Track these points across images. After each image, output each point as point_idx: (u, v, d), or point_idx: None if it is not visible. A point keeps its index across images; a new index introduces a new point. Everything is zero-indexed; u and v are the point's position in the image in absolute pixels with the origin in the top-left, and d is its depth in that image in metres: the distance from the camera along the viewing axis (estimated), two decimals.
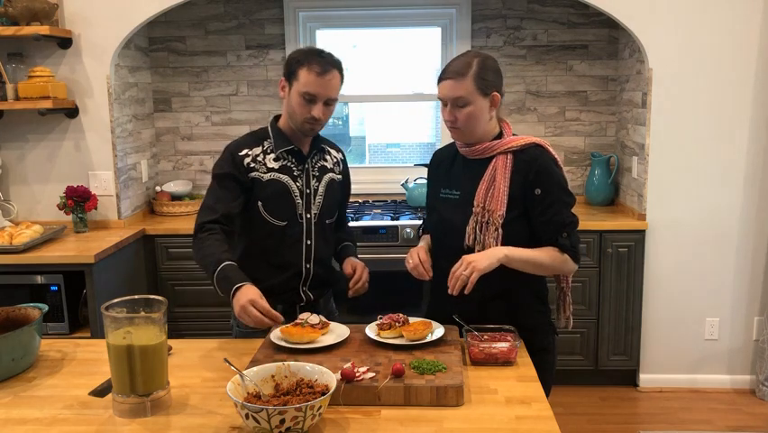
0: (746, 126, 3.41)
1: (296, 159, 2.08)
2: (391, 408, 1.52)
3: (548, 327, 2.06)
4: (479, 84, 1.87)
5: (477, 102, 1.89)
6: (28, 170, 3.53)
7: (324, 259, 2.16)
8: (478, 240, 1.91)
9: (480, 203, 1.91)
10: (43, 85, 3.23)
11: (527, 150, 1.94)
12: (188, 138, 4.08)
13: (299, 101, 1.97)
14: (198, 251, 1.95)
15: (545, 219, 1.92)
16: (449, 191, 2.02)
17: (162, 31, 3.97)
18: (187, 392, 1.62)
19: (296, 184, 2.06)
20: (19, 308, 1.87)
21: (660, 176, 3.44)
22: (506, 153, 1.93)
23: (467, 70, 1.87)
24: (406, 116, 5.08)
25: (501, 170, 1.92)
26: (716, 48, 3.34)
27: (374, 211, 3.75)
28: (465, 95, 1.87)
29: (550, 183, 1.92)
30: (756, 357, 3.56)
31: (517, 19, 3.91)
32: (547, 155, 1.95)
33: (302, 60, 1.96)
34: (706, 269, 3.52)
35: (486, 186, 1.92)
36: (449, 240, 1.98)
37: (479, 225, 1.91)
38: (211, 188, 2.05)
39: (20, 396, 1.63)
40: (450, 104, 1.90)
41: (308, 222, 2.09)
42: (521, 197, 1.91)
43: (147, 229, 3.53)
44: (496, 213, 1.89)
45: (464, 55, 1.94)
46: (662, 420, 3.30)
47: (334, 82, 1.99)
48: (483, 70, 1.88)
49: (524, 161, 1.93)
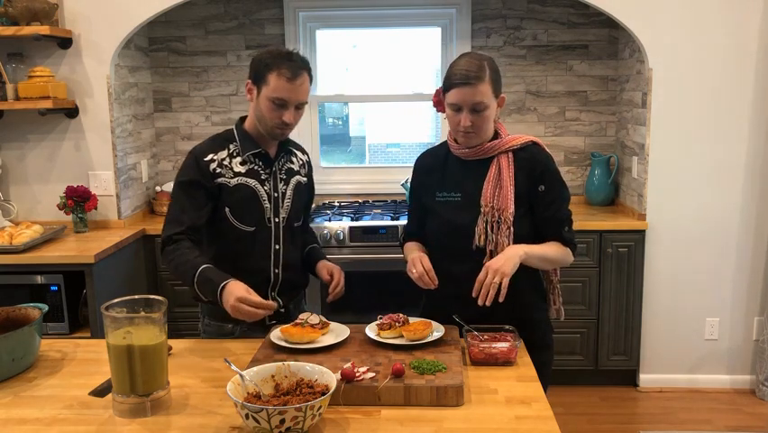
0: (746, 126, 3.41)
1: (263, 162, 2.04)
2: (391, 408, 1.52)
3: (548, 323, 2.09)
4: (494, 88, 1.87)
5: (492, 105, 1.89)
6: (28, 170, 3.53)
7: (292, 264, 2.11)
8: (490, 240, 1.90)
9: (488, 203, 1.91)
10: (43, 85, 3.23)
11: (526, 148, 1.96)
12: (188, 138, 4.08)
13: (269, 106, 1.92)
14: (171, 262, 1.92)
15: (549, 215, 1.95)
16: (447, 194, 2.00)
17: (162, 31, 3.97)
18: (187, 392, 1.62)
19: (263, 188, 2.02)
20: (19, 308, 1.87)
21: (660, 176, 3.44)
22: (507, 152, 1.94)
23: (483, 74, 1.84)
24: (406, 116, 5.08)
25: (506, 168, 1.92)
26: (716, 48, 3.35)
27: (374, 211, 3.74)
28: (484, 99, 1.85)
29: (552, 180, 1.96)
30: (756, 357, 3.56)
31: (517, 19, 3.91)
32: (545, 152, 1.99)
33: (271, 65, 1.90)
34: (706, 269, 3.52)
35: (492, 185, 1.92)
36: (455, 242, 1.96)
37: (489, 224, 1.91)
38: (176, 197, 2.00)
39: (20, 396, 1.63)
40: (467, 109, 1.86)
41: (277, 226, 2.05)
42: (526, 194, 1.93)
43: (147, 229, 3.53)
44: (507, 211, 1.89)
45: (471, 57, 1.89)
46: (663, 420, 3.30)
47: (305, 86, 1.94)
48: (494, 73, 1.88)
49: (525, 159, 1.94)
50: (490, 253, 1.91)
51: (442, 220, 2.00)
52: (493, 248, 1.90)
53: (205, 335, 2.12)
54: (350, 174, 4.21)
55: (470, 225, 1.93)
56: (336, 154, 5.20)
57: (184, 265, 1.88)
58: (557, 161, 4.00)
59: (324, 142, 4.28)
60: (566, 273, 3.42)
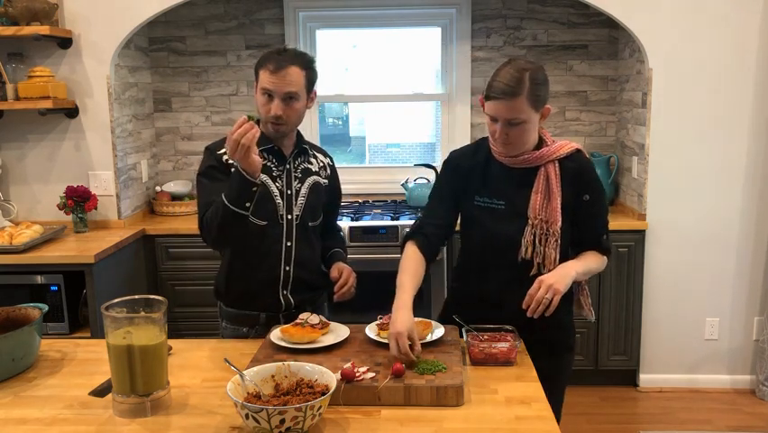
0: (746, 126, 3.41)
1: (276, 159, 2.07)
2: (391, 408, 1.52)
3: (573, 325, 2.08)
4: (532, 102, 1.79)
5: (531, 119, 1.82)
6: (28, 170, 3.53)
7: (305, 262, 2.11)
8: (537, 252, 1.88)
9: (537, 215, 1.87)
10: (43, 85, 3.23)
11: (572, 156, 1.92)
12: (188, 138, 4.08)
13: (261, 99, 1.99)
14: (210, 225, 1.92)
15: (591, 223, 1.94)
16: (489, 200, 1.94)
17: (162, 31, 3.97)
18: (187, 392, 1.62)
19: (275, 184, 2.04)
20: (19, 308, 1.87)
21: (660, 176, 3.44)
22: (554, 162, 1.89)
23: (520, 89, 1.76)
24: (406, 116, 5.08)
25: (554, 180, 1.88)
26: (716, 48, 3.34)
27: (374, 211, 3.75)
28: (521, 114, 1.79)
29: (596, 190, 1.95)
30: (756, 357, 3.56)
31: (517, 19, 3.91)
32: (588, 160, 1.97)
33: (261, 61, 1.99)
34: (706, 269, 3.52)
35: (541, 196, 1.88)
36: (498, 252, 1.93)
37: (537, 237, 1.88)
38: (201, 186, 2.04)
39: (20, 396, 1.63)
40: (502, 123, 1.81)
41: (289, 223, 2.06)
42: (571, 203, 1.90)
43: (147, 229, 3.53)
44: (555, 224, 1.87)
45: (512, 67, 1.80)
46: (662, 420, 3.30)
47: (290, 78, 1.95)
48: (536, 86, 1.79)
49: (570, 168, 1.90)
50: (538, 265, 1.88)
51: (485, 228, 1.94)
52: (540, 261, 1.88)
53: (222, 337, 2.16)
54: (350, 174, 4.20)
55: (516, 236, 1.89)
56: (336, 154, 5.18)
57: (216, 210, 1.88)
58: None
59: (323, 142, 4.28)
60: None
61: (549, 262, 1.88)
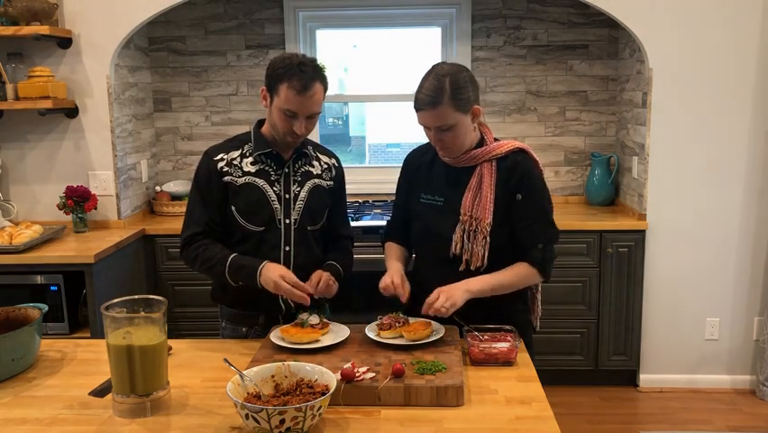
0: (746, 126, 3.40)
1: (274, 163, 2.04)
2: (391, 408, 1.52)
3: (529, 323, 2.09)
4: (456, 105, 1.82)
5: (460, 122, 1.85)
6: (28, 170, 3.53)
7: (305, 267, 2.02)
8: (465, 248, 1.91)
9: (467, 211, 1.91)
10: (43, 85, 3.23)
11: (510, 155, 1.94)
12: (188, 138, 4.08)
13: (281, 116, 1.92)
14: (195, 259, 1.99)
15: (524, 226, 1.93)
16: (431, 197, 2.00)
17: (162, 31, 3.97)
18: (187, 392, 1.62)
19: (272, 189, 2.02)
20: (19, 308, 1.87)
21: (660, 176, 3.44)
22: (490, 161, 1.93)
23: (441, 97, 1.81)
24: (406, 116, 5.10)
25: (487, 178, 1.91)
26: (716, 47, 3.34)
27: (374, 211, 3.74)
28: (447, 120, 1.84)
29: (532, 189, 1.93)
30: (756, 357, 3.56)
31: (517, 19, 3.91)
32: (530, 160, 1.96)
33: (282, 75, 1.88)
34: (706, 269, 3.52)
35: (472, 194, 1.92)
36: (434, 249, 1.98)
37: (466, 233, 1.91)
38: (192, 198, 2.06)
39: (20, 396, 1.63)
40: (434, 130, 1.88)
41: (287, 227, 2.04)
42: (504, 203, 1.92)
43: (147, 229, 3.53)
44: (484, 221, 1.89)
45: (433, 77, 1.84)
46: (662, 420, 3.30)
47: (316, 97, 1.91)
48: (457, 90, 1.82)
49: (507, 167, 1.93)
50: (466, 261, 1.92)
51: (424, 225, 2.01)
52: (469, 257, 1.91)
53: (222, 337, 2.16)
54: (350, 174, 4.14)
55: (449, 232, 1.93)
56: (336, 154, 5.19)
57: (211, 260, 1.96)
58: (557, 161, 4.04)
59: (324, 142, 4.26)
60: (566, 274, 3.45)
61: (476, 259, 1.90)
